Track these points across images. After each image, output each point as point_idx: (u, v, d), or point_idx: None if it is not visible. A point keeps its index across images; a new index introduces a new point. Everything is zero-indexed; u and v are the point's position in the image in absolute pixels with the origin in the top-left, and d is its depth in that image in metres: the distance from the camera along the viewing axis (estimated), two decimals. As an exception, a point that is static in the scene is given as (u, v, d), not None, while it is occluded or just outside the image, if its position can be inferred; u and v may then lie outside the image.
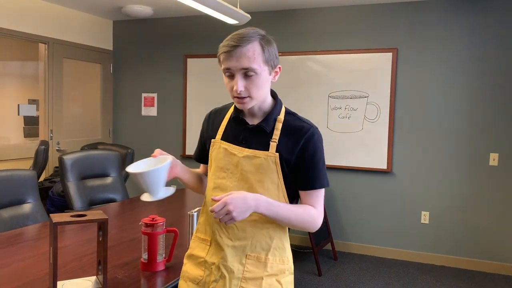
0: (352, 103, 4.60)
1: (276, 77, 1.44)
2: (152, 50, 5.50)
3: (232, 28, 5.03)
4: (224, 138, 1.48)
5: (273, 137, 1.42)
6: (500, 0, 4.12)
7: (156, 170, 1.33)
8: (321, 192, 1.45)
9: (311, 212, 1.43)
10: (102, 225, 1.67)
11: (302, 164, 1.41)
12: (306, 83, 4.76)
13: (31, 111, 5.60)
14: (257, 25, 4.92)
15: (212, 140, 1.52)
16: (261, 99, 1.42)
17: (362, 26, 4.58)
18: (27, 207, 2.71)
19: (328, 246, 4.70)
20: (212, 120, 1.58)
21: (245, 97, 1.38)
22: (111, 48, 5.67)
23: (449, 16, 4.28)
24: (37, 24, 4.66)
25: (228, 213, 1.27)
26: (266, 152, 1.40)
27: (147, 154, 5.53)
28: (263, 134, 1.43)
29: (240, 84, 1.35)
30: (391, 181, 4.56)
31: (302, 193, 1.45)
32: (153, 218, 1.89)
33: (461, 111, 4.29)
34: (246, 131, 1.45)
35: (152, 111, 5.54)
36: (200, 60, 5.21)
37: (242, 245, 1.42)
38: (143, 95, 5.58)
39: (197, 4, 3.29)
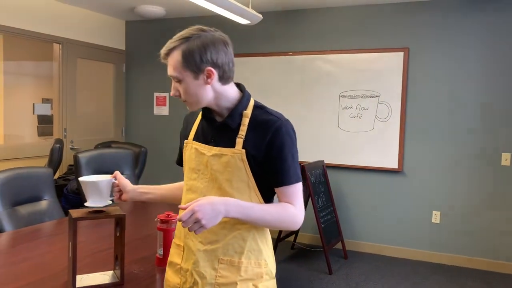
0: (363, 102, 4.61)
1: (210, 80, 1.34)
2: (164, 50, 5.55)
3: (244, 27, 5.07)
4: (196, 138, 1.46)
5: (240, 133, 1.36)
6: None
7: (89, 183, 1.59)
8: (296, 188, 1.37)
9: (289, 210, 1.35)
10: (119, 221, 1.71)
11: (270, 159, 1.34)
12: (317, 83, 4.78)
13: (46, 110, 5.68)
14: (268, 24, 4.96)
15: (185, 141, 1.49)
16: (200, 102, 1.37)
17: (373, 25, 4.58)
18: (44, 204, 2.77)
19: (339, 245, 4.71)
20: (188, 122, 1.55)
21: (184, 101, 1.39)
22: (123, 48, 5.74)
23: (461, 15, 4.27)
24: (52, 24, 4.73)
25: (197, 221, 1.21)
26: (232, 149, 1.34)
27: (159, 152, 5.60)
28: (229, 131, 1.38)
29: (172, 89, 1.39)
30: (402, 181, 4.56)
31: (276, 190, 1.38)
32: (168, 215, 1.93)
33: (473, 110, 4.28)
34: (214, 129, 1.41)
35: (164, 111, 5.59)
36: (212, 60, 5.25)
37: (214, 249, 1.36)
38: (155, 94, 5.63)
39: (209, 4, 3.32)
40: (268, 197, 1.40)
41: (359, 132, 4.64)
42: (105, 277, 1.74)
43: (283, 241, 4.74)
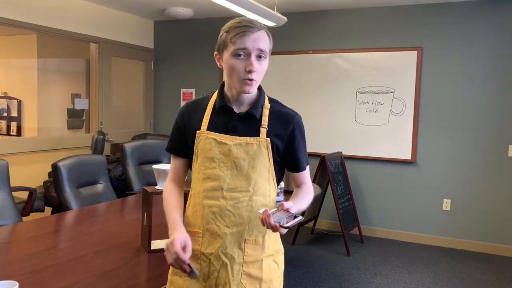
0: (379, 98, 4.94)
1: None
2: (191, 48, 5.92)
3: (269, 29, 5.39)
4: (211, 128, 1.48)
5: (263, 123, 1.46)
6: (520, 1, 4.39)
7: (160, 170, 2.10)
8: (308, 169, 1.58)
9: (311, 189, 1.55)
10: (185, 197, 2.07)
11: (293, 149, 1.50)
12: (336, 79, 5.12)
13: (84, 104, 6.09)
14: (289, 25, 5.29)
15: (198, 131, 1.49)
16: (258, 85, 1.47)
17: (389, 26, 4.90)
18: (100, 187, 3.15)
19: (355, 231, 5.06)
20: (191, 112, 1.53)
21: (253, 79, 1.39)
22: (152, 46, 6.11)
23: (473, 16, 4.57)
24: (89, 25, 5.12)
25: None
26: (258, 138, 1.45)
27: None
28: (252, 121, 1.46)
29: (253, 66, 1.37)
30: (415, 171, 4.89)
31: (295, 174, 1.55)
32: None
33: (482, 105, 4.58)
34: (235, 120, 1.47)
35: (190, 105, 5.95)
36: (236, 58, 5.59)
37: (240, 231, 1.44)
38: (182, 90, 6.00)
39: (237, 7, 3.56)
40: (278, 181, 1.54)
41: (375, 126, 4.98)
42: (171, 242, 2.11)
43: (303, 226, 5.09)
